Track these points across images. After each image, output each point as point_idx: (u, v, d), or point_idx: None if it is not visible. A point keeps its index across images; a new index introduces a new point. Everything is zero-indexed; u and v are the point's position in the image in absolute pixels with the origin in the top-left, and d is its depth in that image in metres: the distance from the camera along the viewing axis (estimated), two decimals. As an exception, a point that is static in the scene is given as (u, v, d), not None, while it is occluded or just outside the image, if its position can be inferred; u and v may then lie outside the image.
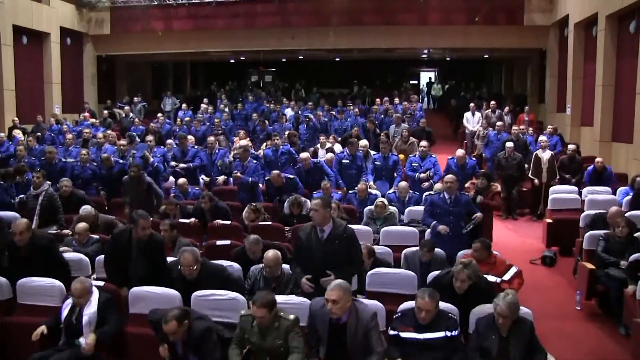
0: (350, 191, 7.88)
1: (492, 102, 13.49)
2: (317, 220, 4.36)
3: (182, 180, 8.18)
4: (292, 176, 8.06)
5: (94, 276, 5.28)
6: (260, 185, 8.23)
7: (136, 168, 7.62)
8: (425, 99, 22.43)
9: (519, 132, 10.73)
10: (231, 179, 8.62)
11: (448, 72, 23.16)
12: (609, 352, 5.10)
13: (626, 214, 6.23)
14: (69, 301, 4.36)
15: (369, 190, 7.68)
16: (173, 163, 9.43)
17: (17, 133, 10.76)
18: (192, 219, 6.89)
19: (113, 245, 5.07)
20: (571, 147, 9.68)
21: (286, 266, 4.87)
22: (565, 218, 7.70)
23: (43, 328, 4.26)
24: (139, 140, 10.90)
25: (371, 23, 15.58)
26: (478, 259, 4.92)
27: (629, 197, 7.52)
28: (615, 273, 5.46)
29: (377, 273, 4.93)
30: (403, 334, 3.91)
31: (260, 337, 3.86)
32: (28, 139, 10.10)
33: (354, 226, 5.47)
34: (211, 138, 9.98)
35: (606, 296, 5.64)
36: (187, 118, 13.85)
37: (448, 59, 20.94)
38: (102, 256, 5.27)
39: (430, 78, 24.41)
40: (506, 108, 13.78)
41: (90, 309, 4.28)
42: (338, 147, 10.42)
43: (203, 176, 9.20)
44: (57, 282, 4.68)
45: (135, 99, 16.65)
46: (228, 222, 6.74)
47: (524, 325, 3.88)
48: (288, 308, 4.12)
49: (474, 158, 9.47)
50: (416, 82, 24.41)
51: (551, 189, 8.63)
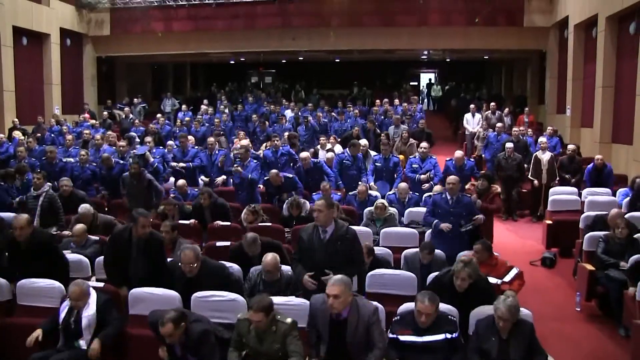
0: (350, 193, 7.89)
1: (492, 104, 13.49)
2: (321, 220, 4.37)
3: (182, 181, 8.17)
4: (291, 175, 8.07)
5: (94, 278, 5.27)
6: (260, 186, 8.24)
7: (137, 165, 7.61)
8: (425, 100, 22.45)
9: (520, 134, 10.73)
10: (230, 180, 8.63)
11: (448, 73, 23.14)
12: (609, 354, 5.10)
13: (626, 216, 6.23)
14: (67, 303, 4.34)
15: (369, 191, 7.69)
16: (173, 163, 9.44)
17: (17, 134, 10.74)
18: (192, 220, 6.88)
19: (113, 244, 5.05)
20: (571, 147, 9.68)
21: (285, 267, 4.86)
22: (565, 219, 7.71)
23: (39, 333, 4.24)
24: (139, 141, 10.91)
25: (371, 24, 15.60)
26: (479, 261, 4.92)
27: (629, 199, 7.52)
28: (615, 274, 5.45)
29: (377, 274, 4.92)
30: (402, 337, 3.90)
31: (257, 342, 3.84)
32: (28, 140, 10.09)
33: (354, 227, 5.46)
34: (211, 139, 10.00)
35: (606, 297, 5.63)
36: (187, 118, 13.89)
37: (448, 60, 20.93)
38: (102, 257, 5.26)
39: (430, 79, 24.41)
40: (506, 109, 13.79)
41: (89, 311, 4.27)
42: (338, 148, 10.42)
43: (202, 177, 9.21)
44: (57, 284, 4.68)
45: (135, 100, 16.64)
46: (228, 223, 6.73)
47: (524, 327, 3.87)
48: (287, 309, 4.13)
49: (473, 159, 9.47)
50: (416, 83, 24.40)
51: (551, 190, 8.63)
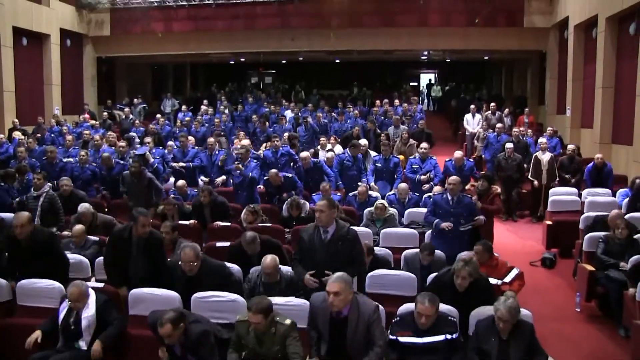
0: (350, 193, 7.89)
1: (492, 104, 13.49)
2: (323, 221, 4.37)
3: (182, 182, 8.14)
4: (291, 175, 8.08)
5: (94, 278, 5.27)
6: (260, 186, 8.24)
7: (137, 164, 7.61)
8: (425, 101, 22.45)
9: (520, 134, 10.71)
10: (230, 181, 8.63)
11: (448, 74, 23.15)
12: (609, 354, 5.10)
13: (626, 216, 6.23)
14: (66, 304, 4.32)
15: (369, 192, 7.69)
16: (173, 164, 9.43)
17: (17, 135, 10.75)
18: (192, 221, 6.89)
19: (113, 243, 5.03)
20: (570, 147, 9.68)
21: (285, 268, 4.84)
22: (565, 220, 7.71)
23: (38, 334, 4.23)
24: (139, 141, 10.91)
25: (371, 25, 15.58)
26: (479, 262, 4.90)
27: (629, 199, 7.51)
28: (615, 275, 5.45)
29: (377, 275, 4.92)
30: (402, 339, 3.89)
31: (256, 343, 3.82)
32: (28, 141, 10.08)
33: (354, 228, 5.45)
34: (211, 139, 10.00)
35: (606, 298, 5.63)
36: (187, 118, 13.90)
37: (448, 61, 20.91)
38: (102, 258, 5.25)
39: (430, 80, 24.41)
40: (506, 110, 13.80)
41: (88, 312, 4.25)
42: (338, 149, 10.42)
43: (202, 177, 9.21)
44: (57, 284, 4.67)
45: (135, 101, 16.66)
46: (228, 224, 6.74)
47: (525, 328, 3.86)
48: (287, 310, 4.12)
49: (472, 160, 9.47)
50: (416, 84, 24.41)
51: (551, 191, 8.63)
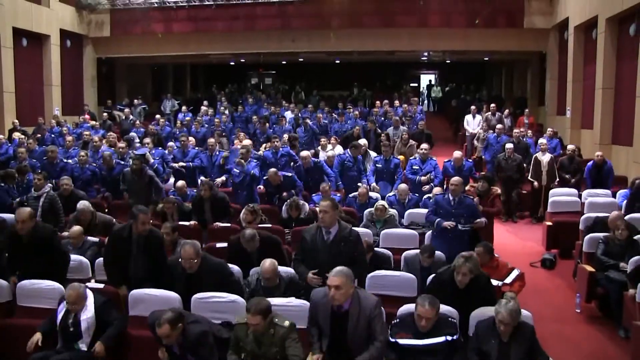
0: (350, 194, 7.88)
1: (492, 105, 13.48)
2: (327, 221, 4.37)
3: (181, 183, 8.13)
4: (290, 174, 8.08)
5: (93, 280, 5.26)
6: (260, 187, 8.24)
7: (138, 162, 7.60)
8: (425, 102, 22.46)
9: (520, 135, 10.70)
10: (230, 182, 8.63)
11: (448, 75, 23.17)
12: (609, 355, 5.10)
13: (626, 217, 6.23)
14: (64, 304, 4.28)
15: (370, 193, 7.68)
16: (173, 164, 9.43)
17: (17, 136, 10.76)
18: (192, 222, 6.90)
19: (113, 242, 5.02)
20: (570, 147, 9.69)
21: (283, 269, 4.81)
22: (565, 221, 7.71)
23: (38, 337, 4.22)
24: (139, 142, 10.90)
25: (371, 25, 15.59)
26: (480, 263, 4.90)
27: (628, 199, 7.51)
28: (615, 276, 5.46)
29: (377, 275, 4.92)
30: (402, 341, 3.87)
31: (255, 345, 3.81)
32: (28, 141, 10.07)
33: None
34: (211, 140, 10.00)
35: (606, 299, 5.63)
36: (188, 118, 13.92)
37: (448, 62, 20.92)
38: (101, 258, 5.24)
39: (430, 80, 24.41)
40: (506, 111, 13.80)
41: (87, 314, 4.23)
42: (339, 149, 10.42)
43: (202, 177, 9.20)
44: (57, 285, 4.67)
45: (135, 102, 16.67)
46: (228, 225, 6.74)
47: (526, 330, 3.83)
48: (287, 311, 4.12)
49: (471, 160, 9.47)
50: (416, 85, 24.42)
51: (551, 192, 8.63)
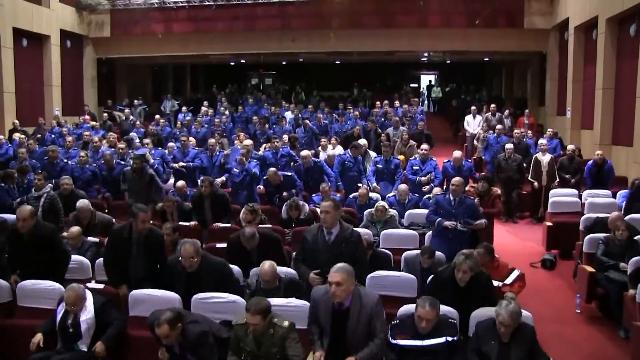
0: (350, 195, 7.88)
1: (492, 105, 13.48)
2: (329, 222, 4.38)
3: (181, 183, 8.12)
4: (290, 173, 8.08)
5: (94, 280, 5.26)
6: (260, 187, 8.25)
7: (139, 160, 7.60)
8: (425, 102, 22.46)
9: (521, 136, 10.68)
10: (230, 183, 8.64)
11: (448, 75, 23.15)
12: (609, 356, 5.10)
13: (626, 218, 6.23)
14: (63, 306, 4.27)
15: (370, 194, 7.68)
16: (174, 164, 9.43)
17: (17, 136, 10.76)
18: (193, 222, 6.91)
19: (113, 242, 5.01)
20: (570, 148, 9.69)
21: (282, 270, 4.79)
22: (565, 221, 7.70)
23: (40, 338, 4.21)
24: (139, 142, 10.90)
25: (371, 26, 15.60)
26: (480, 264, 4.90)
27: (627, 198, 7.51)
28: (615, 276, 5.45)
29: (378, 276, 4.91)
30: (402, 342, 3.86)
31: (255, 345, 3.80)
32: (29, 142, 10.08)
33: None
34: (212, 140, 10.00)
35: (606, 299, 5.63)
36: (188, 118, 13.93)
37: (448, 62, 20.90)
38: (101, 259, 5.23)
39: (430, 81, 24.39)
40: (506, 111, 13.80)
41: (87, 315, 4.22)
42: (339, 149, 10.42)
43: (202, 178, 9.19)
44: (57, 285, 4.67)
45: (135, 102, 16.67)
46: (228, 225, 6.74)
47: (526, 331, 3.82)
48: (287, 311, 4.12)
49: (470, 160, 9.47)
50: (416, 85, 24.41)
51: (551, 192, 8.63)
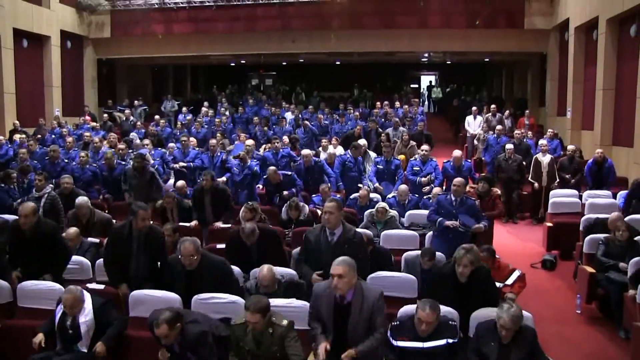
0: (351, 196, 7.88)
1: (492, 106, 13.49)
2: (332, 223, 4.39)
3: (181, 182, 8.10)
4: (290, 173, 8.09)
5: (94, 281, 5.24)
6: (259, 186, 8.26)
7: (140, 159, 7.60)
8: (425, 103, 22.47)
9: (521, 136, 10.65)
10: (230, 182, 8.64)
11: (448, 76, 23.18)
12: (609, 356, 5.10)
13: (626, 218, 6.23)
14: (61, 307, 4.25)
15: (371, 194, 7.68)
16: (174, 165, 9.44)
17: (17, 137, 10.76)
18: (193, 222, 6.92)
19: (113, 241, 5.01)
20: (570, 148, 9.70)
21: (280, 270, 4.77)
22: (565, 222, 7.71)
23: (41, 338, 4.20)
24: (139, 143, 10.91)
25: (372, 26, 15.60)
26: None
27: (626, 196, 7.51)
28: (615, 277, 5.45)
29: (378, 276, 4.90)
30: (402, 344, 3.84)
31: (254, 344, 3.80)
32: (29, 142, 10.07)
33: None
34: (213, 141, 9.98)
35: (606, 300, 5.63)
36: (188, 118, 13.93)
37: (448, 63, 20.92)
38: (101, 260, 5.22)
39: (430, 81, 24.42)
40: (506, 112, 13.80)
41: (86, 317, 4.20)
42: (340, 150, 10.43)
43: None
44: (58, 286, 4.67)
45: (135, 103, 16.68)
46: (228, 225, 6.74)
47: (527, 333, 3.80)
48: (288, 312, 4.11)
49: (469, 160, 9.46)
50: (417, 86, 24.42)
51: (551, 193, 8.63)
